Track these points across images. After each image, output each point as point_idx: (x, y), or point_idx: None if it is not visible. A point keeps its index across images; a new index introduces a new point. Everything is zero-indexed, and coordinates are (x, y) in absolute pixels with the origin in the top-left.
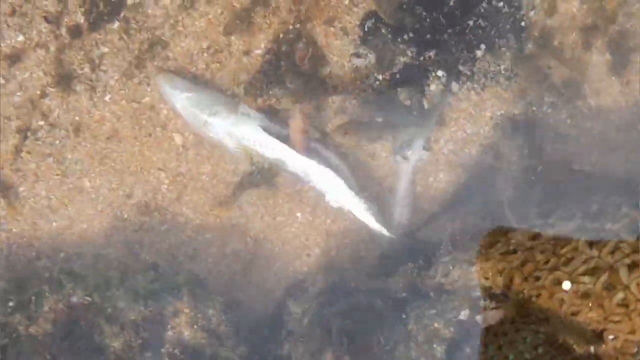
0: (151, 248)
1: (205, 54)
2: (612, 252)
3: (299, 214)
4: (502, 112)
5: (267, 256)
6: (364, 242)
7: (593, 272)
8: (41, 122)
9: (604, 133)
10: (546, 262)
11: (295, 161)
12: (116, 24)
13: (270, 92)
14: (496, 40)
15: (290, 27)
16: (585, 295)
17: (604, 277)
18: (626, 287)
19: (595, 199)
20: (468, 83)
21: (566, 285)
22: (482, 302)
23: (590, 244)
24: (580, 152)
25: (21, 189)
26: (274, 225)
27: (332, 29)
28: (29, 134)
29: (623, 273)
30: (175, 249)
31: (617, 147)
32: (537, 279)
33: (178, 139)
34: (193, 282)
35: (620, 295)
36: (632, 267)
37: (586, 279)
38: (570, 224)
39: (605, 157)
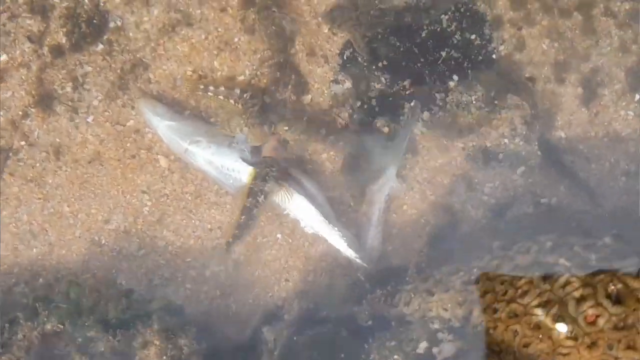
0: (128, 273)
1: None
2: (563, 286)
3: (279, 235)
4: (474, 143)
5: (247, 280)
6: (341, 266)
7: (545, 304)
8: (22, 143)
9: (575, 164)
10: (504, 294)
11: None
12: (100, 47)
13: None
14: (468, 71)
15: (275, 53)
16: (537, 327)
17: (554, 310)
18: (574, 320)
19: (550, 236)
20: (440, 113)
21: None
22: (439, 335)
23: (544, 278)
24: (549, 184)
25: (3, 213)
26: (255, 247)
27: (314, 57)
28: (10, 154)
29: (572, 306)
30: (152, 273)
31: (588, 179)
32: (495, 311)
33: (163, 162)
34: (166, 308)
35: (568, 328)
36: (580, 300)
37: (538, 311)
38: (528, 257)
39: (572, 190)
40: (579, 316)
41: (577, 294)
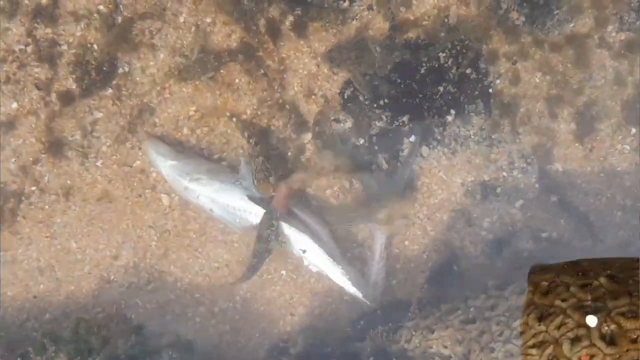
0: (138, 308)
1: (191, 120)
2: (558, 327)
3: (283, 272)
4: (473, 177)
5: (254, 315)
6: (346, 302)
7: (540, 345)
8: (33, 188)
9: (572, 198)
10: (500, 335)
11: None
12: (109, 91)
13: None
14: (465, 106)
15: (274, 94)
16: None
17: (549, 350)
18: None
19: (546, 276)
20: (439, 147)
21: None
22: None
23: (539, 319)
24: (549, 218)
25: (19, 251)
26: (260, 284)
27: (313, 96)
28: (23, 198)
29: (566, 347)
30: (162, 308)
31: (587, 212)
32: (492, 350)
33: (165, 200)
34: (176, 344)
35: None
36: (575, 341)
37: (534, 351)
38: (523, 297)
39: (571, 224)
40: (574, 356)
41: (571, 334)
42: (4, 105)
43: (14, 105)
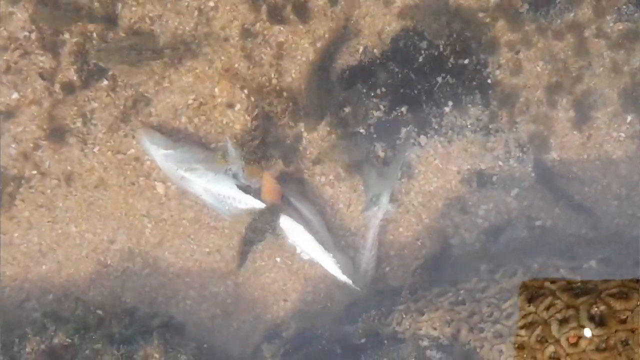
0: (133, 291)
1: (189, 108)
2: (547, 309)
3: (278, 259)
4: (469, 166)
5: (247, 300)
6: (339, 287)
7: (530, 325)
8: (33, 172)
9: (567, 187)
10: (490, 315)
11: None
12: (105, 82)
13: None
14: (463, 96)
15: (272, 80)
16: (521, 348)
17: (538, 331)
18: (557, 341)
19: (538, 259)
20: (435, 136)
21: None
22: (428, 352)
23: (529, 300)
24: (544, 207)
25: (15, 234)
26: (254, 269)
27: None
28: (23, 182)
29: (554, 327)
30: (155, 291)
31: (581, 201)
32: (482, 330)
33: (160, 188)
34: (168, 325)
35: (551, 349)
36: (563, 322)
37: (523, 332)
38: (514, 279)
39: (566, 212)
40: (562, 337)
41: (559, 315)
42: (3, 96)
43: (15, 95)
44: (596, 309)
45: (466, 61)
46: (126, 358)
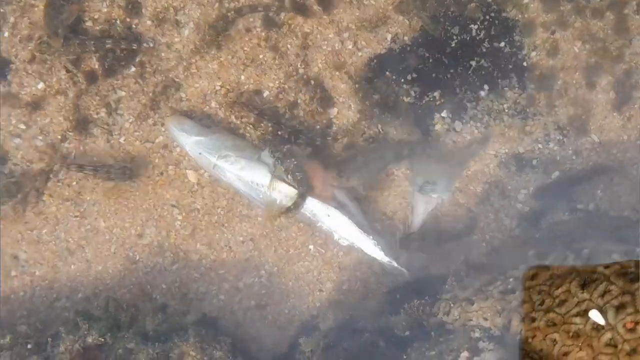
0: (163, 288)
1: (217, 94)
2: (602, 295)
3: (311, 247)
4: (507, 150)
5: (281, 291)
6: (375, 274)
7: (584, 313)
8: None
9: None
10: (541, 304)
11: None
12: (132, 69)
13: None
14: (499, 80)
15: (298, 69)
16: (576, 336)
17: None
18: (613, 328)
19: (588, 243)
20: (471, 122)
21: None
22: (480, 344)
23: (582, 286)
24: (585, 190)
25: (44, 231)
26: (287, 258)
27: (337, 73)
28: (51, 176)
29: (611, 314)
30: (186, 287)
31: (621, 184)
32: (533, 320)
33: (192, 176)
34: (201, 322)
35: (607, 335)
36: (619, 308)
37: (577, 319)
38: (564, 266)
39: (608, 194)
40: (619, 323)
41: (615, 302)
42: (29, 86)
43: (40, 85)
44: None
45: (501, 44)
46: (162, 356)
